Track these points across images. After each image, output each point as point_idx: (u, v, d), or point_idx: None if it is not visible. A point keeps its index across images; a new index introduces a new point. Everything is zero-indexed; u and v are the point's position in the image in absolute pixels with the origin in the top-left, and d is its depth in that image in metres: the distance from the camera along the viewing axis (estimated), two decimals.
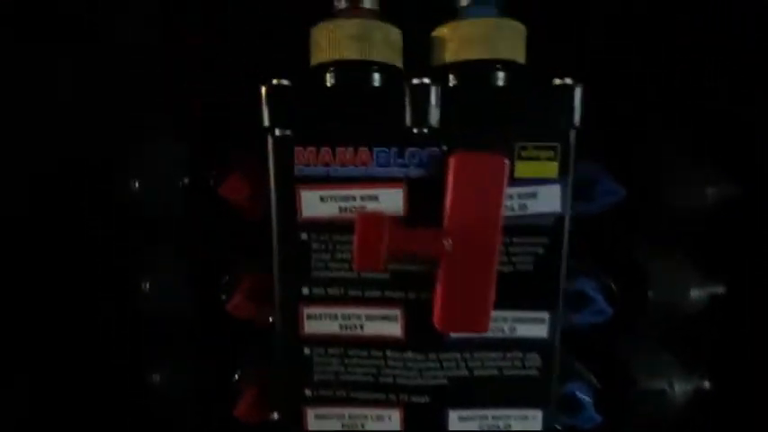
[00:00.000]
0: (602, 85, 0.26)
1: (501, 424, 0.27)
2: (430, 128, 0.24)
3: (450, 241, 0.23)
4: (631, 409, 0.30)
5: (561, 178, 0.24)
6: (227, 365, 0.30)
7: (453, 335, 0.26)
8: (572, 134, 0.24)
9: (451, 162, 0.23)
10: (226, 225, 0.29)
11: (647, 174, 0.29)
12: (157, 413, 0.29)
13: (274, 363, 0.27)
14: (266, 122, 0.24)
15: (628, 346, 0.32)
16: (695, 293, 0.30)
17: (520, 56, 0.26)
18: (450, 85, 0.26)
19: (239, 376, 0.30)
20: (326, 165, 0.24)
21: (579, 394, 0.29)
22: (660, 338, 0.32)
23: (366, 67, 0.26)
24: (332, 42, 0.25)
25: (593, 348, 0.31)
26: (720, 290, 0.31)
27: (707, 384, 0.32)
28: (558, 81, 0.24)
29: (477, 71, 0.26)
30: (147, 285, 0.29)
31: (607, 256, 0.30)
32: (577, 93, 0.24)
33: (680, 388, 0.30)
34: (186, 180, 0.28)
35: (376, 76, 0.26)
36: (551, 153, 0.24)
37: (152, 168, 0.28)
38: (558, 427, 0.28)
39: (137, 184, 0.28)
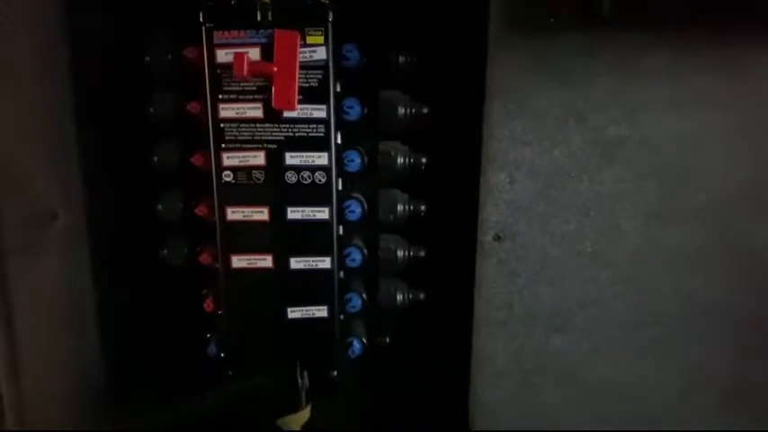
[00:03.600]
0: None
1: (313, 159, 0.60)
2: (269, 20, 0.57)
3: (275, 68, 0.56)
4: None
5: (326, 44, 0.57)
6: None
7: (285, 114, 0.59)
8: (329, 25, 0.57)
9: (276, 35, 0.57)
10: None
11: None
12: None
13: None
14: (201, 20, 0.58)
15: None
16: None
17: None
18: None
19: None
20: (227, 38, 0.58)
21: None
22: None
23: None
24: None
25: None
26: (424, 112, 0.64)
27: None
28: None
29: None
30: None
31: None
32: (329, 6, 0.57)
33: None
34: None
35: None
36: (321, 31, 0.57)
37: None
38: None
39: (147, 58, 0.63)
